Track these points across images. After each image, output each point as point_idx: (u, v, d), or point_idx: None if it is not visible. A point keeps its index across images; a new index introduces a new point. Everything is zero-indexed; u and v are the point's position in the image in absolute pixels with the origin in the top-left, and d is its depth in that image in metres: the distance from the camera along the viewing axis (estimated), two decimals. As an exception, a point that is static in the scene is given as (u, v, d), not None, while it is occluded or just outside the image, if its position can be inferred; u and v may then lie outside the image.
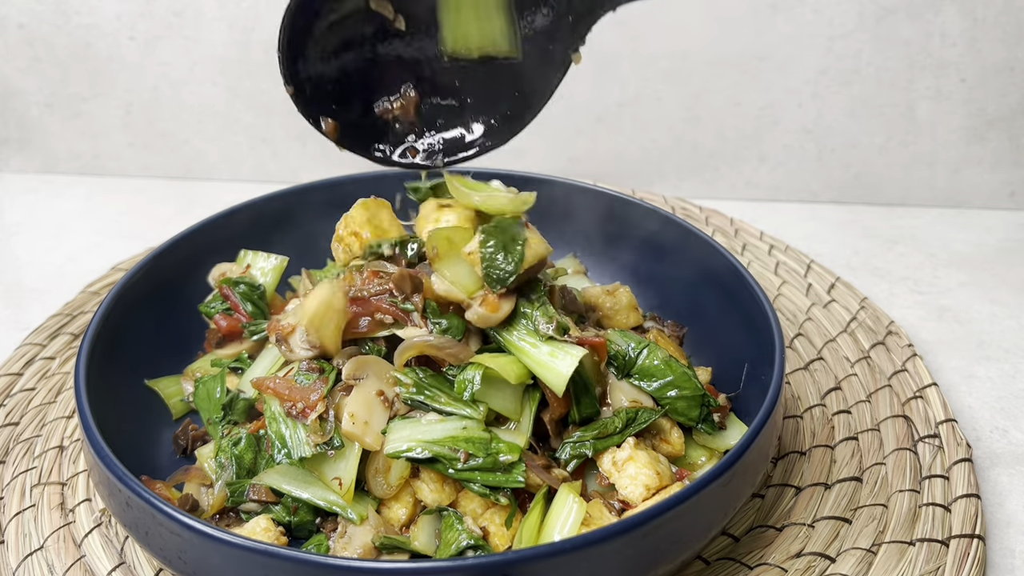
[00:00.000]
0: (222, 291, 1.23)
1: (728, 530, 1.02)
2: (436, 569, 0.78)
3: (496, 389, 0.97)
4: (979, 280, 1.55)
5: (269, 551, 0.79)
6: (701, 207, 1.70)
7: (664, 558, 0.85)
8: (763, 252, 1.55)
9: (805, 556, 0.99)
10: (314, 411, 0.99)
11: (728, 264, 1.17)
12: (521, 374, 0.97)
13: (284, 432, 1.00)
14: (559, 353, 0.96)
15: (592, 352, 1.00)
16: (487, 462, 0.93)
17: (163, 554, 0.86)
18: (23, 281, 1.60)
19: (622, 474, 0.96)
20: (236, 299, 1.21)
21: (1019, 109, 1.70)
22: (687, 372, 1.04)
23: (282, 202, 1.37)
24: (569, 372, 0.94)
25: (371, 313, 1.04)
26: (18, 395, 1.25)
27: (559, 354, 0.96)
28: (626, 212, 1.34)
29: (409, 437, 0.95)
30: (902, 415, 1.17)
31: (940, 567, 0.96)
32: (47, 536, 1.02)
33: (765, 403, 0.94)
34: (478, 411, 0.95)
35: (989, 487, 1.11)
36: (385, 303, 1.04)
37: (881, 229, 1.73)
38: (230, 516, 1.01)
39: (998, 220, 1.75)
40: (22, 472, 1.12)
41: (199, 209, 1.72)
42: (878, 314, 1.37)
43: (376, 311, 1.04)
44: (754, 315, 1.10)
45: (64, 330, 1.37)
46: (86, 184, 1.93)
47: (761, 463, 0.95)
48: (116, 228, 1.76)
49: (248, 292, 1.22)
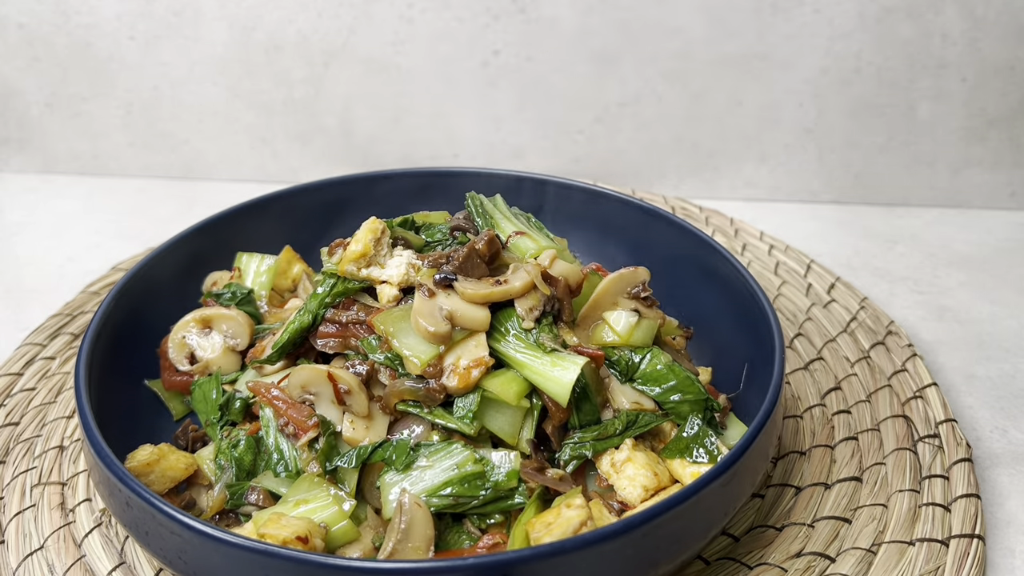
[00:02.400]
0: (206, 304, 1.23)
1: (728, 530, 1.02)
2: (436, 569, 0.78)
3: (495, 410, 0.97)
4: (979, 280, 1.55)
5: (269, 551, 0.79)
6: (701, 207, 1.70)
7: (664, 558, 0.85)
8: (763, 252, 1.55)
9: (805, 556, 0.99)
10: (306, 435, 0.98)
11: (728, 264, 1.17)
12: (521, 392, 0.97)
13: (281, 443, 1.00)
14: (560, 364, 0.96)
15: (590, 360, 1.00)
16: (488, 496, 0.93)
17: (163, 554, 0.86)
18: (23, 281, 1.60)
19: (620, 475, 0.96)
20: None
21: (1019, 109, 1.70)
22: (690, 376, 1.04)
23: (282, 202, 1.37)
24: (571, 382, 0.94)
25: (345, 338, 1.04)
26: (18, 395, 1.25)
27: (560, 364, 0.96)
28: (625, 212, 1.34)
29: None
30: (902, 415, 1.17)
31: (940, 567, 0.96)
32: (47, 536, 1.02)
33: (765, 403, 0.94)
34: (468, 448, 0.94)
35: (989, 487, 1.11)
36: (360, 336, 1.03)
37: (881, 229, 1.73)
38: (229, 517, 1.01)
39: (998, 220, 1.75)
40: (22, 472, 1.12)
41: (199, 209, 1.72)
42: (878, 314, 1.37)
43: (350, 337, 1.04)
44: (754, 315, 1.10)
45: (64, 330, 1.37)
46: (86, 184, 1.93)
47: (761, 463, 0.95)
48: (116, 228, 1.76)
49: (233, 299, 1.22)
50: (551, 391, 0.96)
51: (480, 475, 0.93)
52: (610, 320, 1.05)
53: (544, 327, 1.00)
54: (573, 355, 0.98)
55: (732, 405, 1.10)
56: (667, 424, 1.03)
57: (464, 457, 0.93)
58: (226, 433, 1.06)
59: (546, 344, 0.98)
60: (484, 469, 0.93)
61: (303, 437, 0.98)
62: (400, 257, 1.05)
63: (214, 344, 1.15)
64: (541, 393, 0.98)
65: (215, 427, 1.08)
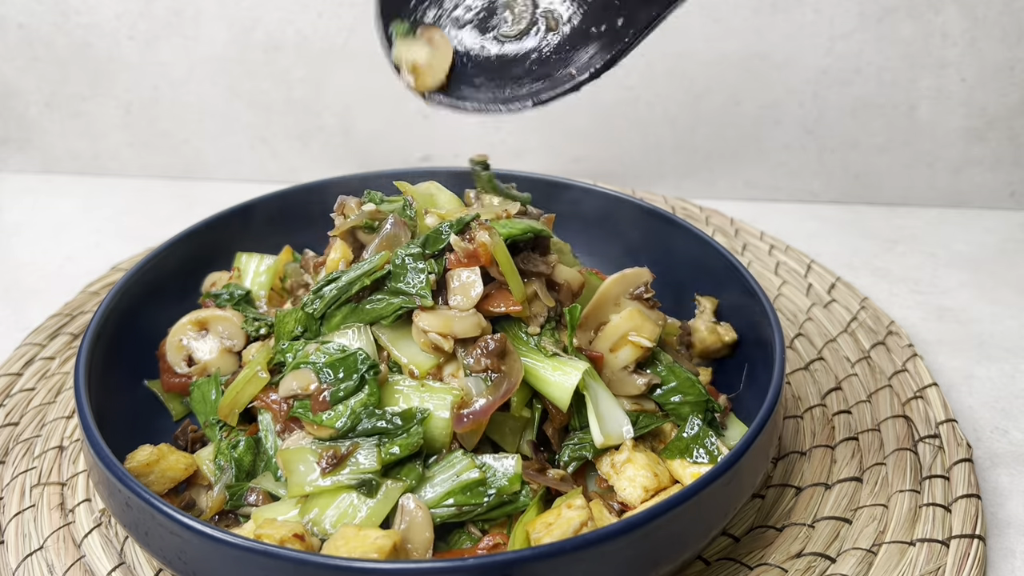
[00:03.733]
0: (204, 305, 1.23)
1: (728, 530, 1.02)
2: (436, 569, 0.78)
3: (494, 422, 0.96)
4: (979, 280, 1.55)
5: (269, 551, 0.79)
6: (701, 207, 1.70)
7: (664, 558, 0.85)
8: (763, 252, 1.55)
9: (805, 556, 0.98)
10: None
11: (728, 264, 1.17)
12: (522, 401, 0.97)
13: (280, 446, 1.00)
14: (562, 368, 0.96)
15: (591, 365, 1.00)
16: (492, 502, 0.92)
17: (163, 554, 0.86)
18: (23, 281, 1.59)
19: (620, 476, 0.96)
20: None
21: (1019, 109, 1.69)
22: (691, 378, 1.04)
23: (282, 202, 1.37)
24: (573, 386, 0.94)
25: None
26: (18, 395, 1.25)
27: (562, 369, 0.96)
28: (625, 212, 1.34)
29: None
30: (902, 415, 1.17)
31: (940, 567, 0.96)
32: (47, 536, 1.02)
33: (765, 403, 0.94)
34: (467, 455, 0.93)
35: (989, 487, 1.11)
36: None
37: (881, 229, 1.72)
38: (229, 517, 1.01)
39: (998, 220, 1.75)
40: (22, 472, 1.12)
41: (199, 209, 1.72)
42: (878, 314, 1.37)
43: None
44: (754, 315, 1.10)
45: (64, 330, 1.37)
46: (86, 184, 1.93)
47: (761, 463, 0.95)
48: (115, 228, 1.76)
49: (231, 299, 1.22)
50: (552, 395, 0.96)
51: (482, 482, 0.92)
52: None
53: (546, 331, 1.00)
54: (574, 360, 0.97)
55: (732, 405, 1.10)
56: (667, 425, 1.03)
57: (464, 465, 0.93)
58: (225, 433, 1.06)
59: (547, 348, 0.98)
60: (486, 476, 0.93)
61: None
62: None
63: (211, 346, 1.16)
64: (542, 397, 0.98)
65: (214, 428, 1.08)
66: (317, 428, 0.93)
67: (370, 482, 0.90)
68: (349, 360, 0.95)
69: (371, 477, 0.90)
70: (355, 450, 0.92)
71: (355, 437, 0.93)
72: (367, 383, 0.94)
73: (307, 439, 0.95)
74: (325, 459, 0.91)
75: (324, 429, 0.93)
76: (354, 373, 0.94)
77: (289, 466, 0.93)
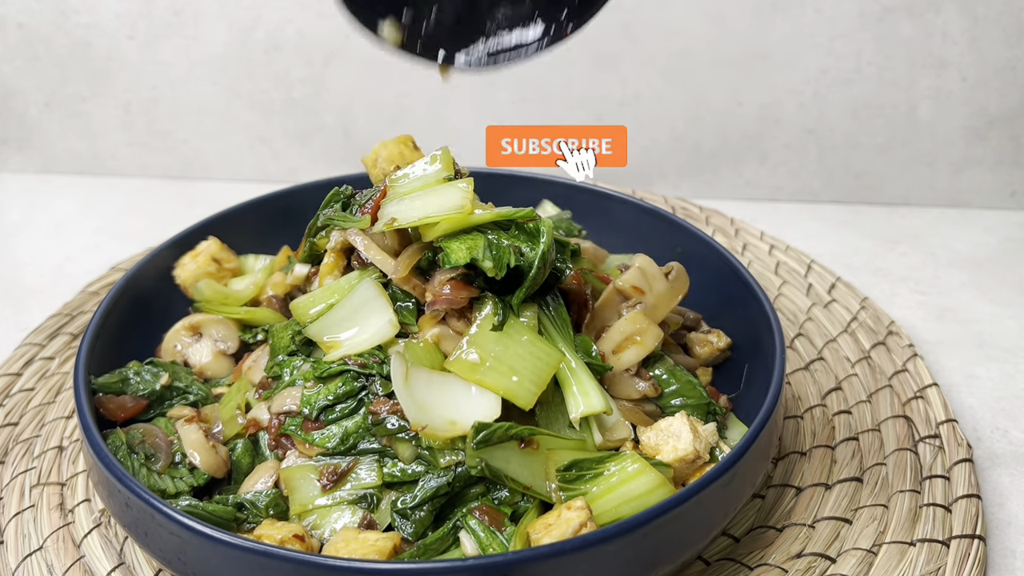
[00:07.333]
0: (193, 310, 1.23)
1: (728, 531, 1.02)
2: (436, 569, 0.78)
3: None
4: (980, 280, 1.55)
5: (269, 551, 0.79)
6: (701, 207, 1.70)
7: (664, 559, 0.85)
8: (763, 252, 1.55)
9: (805, 556, 0.98)
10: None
11: (728, 264, 1.17)
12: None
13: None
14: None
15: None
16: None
17: (163, 555, 0.86)
18: (23, 281, 1.59)
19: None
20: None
21: (1020, 109, 1.69)
22: (691, 380, 1.04)
23: (281, 202, 1.37)
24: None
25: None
26: (17, 395, 1.25)
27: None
28: (625, 212, 1.34)
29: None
30: (903, 415, 1.17)
31: (941, 567, 0.96)
32: (46, 536, 1.02)
33: (765, 404, 0.94)
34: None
35: (990, 487, 1.11)
36: None
37: (882, 229, 1.72)
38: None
39: (999, 220, 1.75)
40: (21, 472, 1.12)
41: (198, 209, 1.72)
42: (879, 314, 1.37)
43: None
44: (754, 315, 1.10)
45: (63, 330, 1.37)
46: (85, 184, 1.93)
47: (761, 464, 0.95)
48: (115, 228, 1.76)
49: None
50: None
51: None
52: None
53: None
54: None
55: (732, 406, 1.10)
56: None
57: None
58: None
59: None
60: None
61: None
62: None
63: (205, 350, 1.16)
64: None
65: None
66: (308, 447, 0.94)
67: (371, 497, 0.92)
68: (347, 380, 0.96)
69: (372, 492, 0.92)
70: (355, 466, 0.93)
71: (349, 455, 0.94)
72: (364, 406, 0.95)
73: (303, 458, 0.96)
74: (326, 476, 0.92)
75: (315, 448, 0.94)
76: (350, 396, 0.95)
77: (291, 483, 0.94)
